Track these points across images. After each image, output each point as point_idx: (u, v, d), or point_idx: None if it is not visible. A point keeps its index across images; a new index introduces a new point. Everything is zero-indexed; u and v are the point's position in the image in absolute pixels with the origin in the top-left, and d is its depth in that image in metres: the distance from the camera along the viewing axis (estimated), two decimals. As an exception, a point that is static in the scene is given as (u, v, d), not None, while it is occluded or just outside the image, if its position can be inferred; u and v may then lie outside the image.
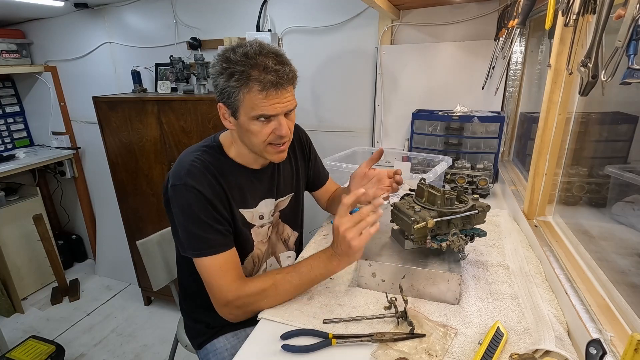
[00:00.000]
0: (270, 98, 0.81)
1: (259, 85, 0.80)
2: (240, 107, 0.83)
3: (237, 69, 0.79)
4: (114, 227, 2.65)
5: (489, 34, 1.59)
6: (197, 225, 0.85)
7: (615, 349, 0.59)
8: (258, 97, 0.81)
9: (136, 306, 2.52)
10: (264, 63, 0.80)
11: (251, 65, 0.79)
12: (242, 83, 0.80)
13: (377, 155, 1.06)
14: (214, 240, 0.86)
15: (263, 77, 0.79)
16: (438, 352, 0.68)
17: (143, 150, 2.06)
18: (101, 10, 2.32)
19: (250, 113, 0.83)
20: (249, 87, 0.80)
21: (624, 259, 0.81)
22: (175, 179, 0.87)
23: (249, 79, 0.79)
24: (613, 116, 0.96)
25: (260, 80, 0.79)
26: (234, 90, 0.81)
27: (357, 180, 1.07)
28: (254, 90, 0.80)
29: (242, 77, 0.80)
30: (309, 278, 0.85)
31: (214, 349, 1.04)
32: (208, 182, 0.87)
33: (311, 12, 1.86)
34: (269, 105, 0.82)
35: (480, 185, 1.42)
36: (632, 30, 0.46)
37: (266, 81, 0.79)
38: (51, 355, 1.89)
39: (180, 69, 2.05)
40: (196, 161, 0.89)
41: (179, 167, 0.89)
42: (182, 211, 0.86)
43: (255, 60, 0.80)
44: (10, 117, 2.81)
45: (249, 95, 0.81)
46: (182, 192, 0.86)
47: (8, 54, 2.51)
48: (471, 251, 1.02)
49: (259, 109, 0.82)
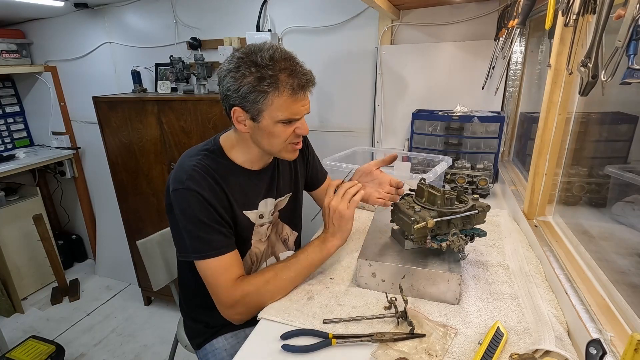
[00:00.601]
0: (298, 101, 0.84)
1: (290, 89, 0.81)
2: (265, 111, 0.83)
3: (269, 73, 0.80)
4: (114, 227, 2.65)
5: (489, 34, 1.59)
6: (199, 227, 0.86)
7: (615, 349, 0.59)
8: (288, 101, 0.82)
9: (136, 306, 2.52)
10: (292, 67, 0.82)
11: (280, 69, 0.81)
12: (273, 87, 0.81)
13: (390, 159, 1.09)
14: (217, 242, 0.87)
15: (293, 81, 0.81)
16: (438, 352, 0.68)
17: (143, 150, 2.06)
18: (101, 10, 2.32)
19: (278, 116, 0.84)
20: (280, 90, 0.81)
21: (624, 259, 0.81)
22: (176, 183, 0.87)
23: (279, 83, 0.81)
24: (613, 116, 0.96)
25: (291, 84, 0.81)
26: (262, 94, 0.81)
27: (359, 174, 1.08)
28: (285, 94, 0.82)
29: (272, 82, 0.80)
30: (307, 263, 0.89)
31: (213, 349, 1.04)
32: (209, 185, 0.88)
33: (311, 12, 1.86)
34: (296, 109, 0.85)
35: (480, 185, 1.42)
36: (632, 30, 0.46)
37: (296, 85, 0.82)
38: (51, 355, 1.89)
39: (180, 69, 2.05)
40: (197, 165, 0.89)
41: (180, 172, 0.89)
42: (184, 214, 0.87)
43: (284, 65, 0.81)
44: (10, 117, 2.81)
45: (279, 99, 0.82)
46: (183, 196, 0.86)
47: (8, 54, 2.51)
48: (471, 251, 1.02)
49: (288, 112, 0.84)
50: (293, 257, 0.90)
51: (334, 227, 0.89)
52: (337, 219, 0.88)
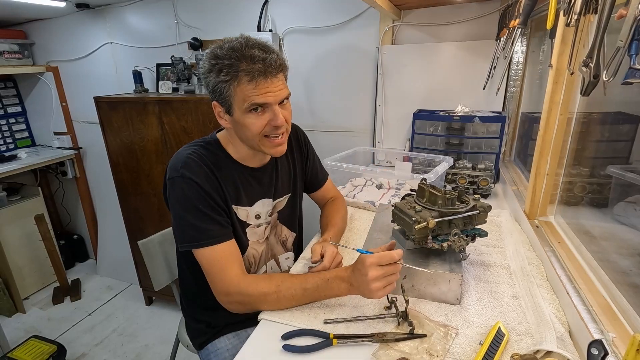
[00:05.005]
0: (261, 87, 0.81)
1: (247, 75, 0.80)
2: (233, 102, 0.84)
3: (225, 62, 0.80)
4: (116, 227, 2.65)
5: (490, 34, 1.58)
6: (195, 215, 0.85)
7: (616, 349, 0.58)
8: (248, 88, 0.81)
9: (137, 306, 2.53)
10: (250, 53, 0.80)
11: (238, 57, 0.80)
12: (231, 76, 0.81)
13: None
14: (213, 230, 0.86)
15: (251, 68, 0.80)
16: (439, 353, 0.68)
17: (144, 150, 2.06)
18: (102, 11, 2.32)
19: (242, 105, 0.83)
20: (238, 79, 0.81)
21: (625, 259, 0.80)
22: (172, 172, 0.88)
23: (237, 71, 0.80)
24: (615, 116, 0.95)
25: (249, 70, 0.80)
26: (224, 85, 0.82)
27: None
28: (244, 81, 0.81)
29: (230, 71, 0.80)
30: (313, 297, 0.83)
31: (215, 349, 1.04)
32: (204, 174, 0.88)
33: (312, 12, 1.86)
34: (259, 95, 0.82)
35: (482, 186, 1.42)
36: (634, 30, 0.46)
37: (254, 70, 0.80)
38: (52, 355, 1.90)
39: (181, 69, 2.06)
40: (193, 154, 0.89)
41: (175, 161, 0.89)
42: (179, 203, 0.87)
43: (242, 52, 0.80)
44: (12, 117, 2.82)
45: (240, 88, 0.81)
46: (179, 184, 0.86)
47: (10, 54, 2.51)
48: (472, 251, 1.02)
49: (250, 99, 0.82)
50: (301, 283, 0.82)
51: (358, 286, 0.78)
52: (365, 288, 0.76)
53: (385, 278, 0.75)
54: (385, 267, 0.75)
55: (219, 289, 0.86)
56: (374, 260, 0.75)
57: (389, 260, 0.75)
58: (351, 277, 0.79)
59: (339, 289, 0.81)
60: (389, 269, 0.75)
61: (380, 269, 0.74)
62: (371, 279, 0.74)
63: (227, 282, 0.85)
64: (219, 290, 0.86)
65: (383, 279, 0.75)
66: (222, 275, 0.85)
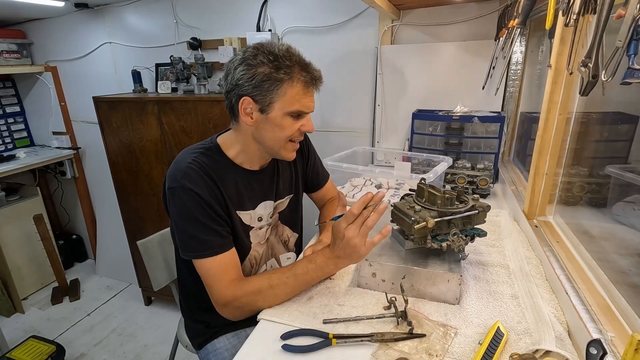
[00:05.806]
0: (308, 95, 0.86)
1: (303, 81, 0.84)
2: (276, 101, 0.85)
3: (286, 62, 0.82)
4: (115, 227, 2.65)
5: (490, 34, 1.59)
6: (195, 227, 0.86)
7: (615, 349, 0.58)
8: (300, 93, 0.85)
9: (136, 306, 2.52)
10: (305, 62, 0.85)
11: (298, 62, 0.84)
12: (288, 77, 0.83)
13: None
14: (212, 242, 0.86)
15: (309, 76, 0.84)
16: (438, 352, 0.68)
17: (143, 150, 2.06)
18: (101, 11, 2.32)
19: (288, 108, 0.85)
20: (294, 81, 0.83)
21: (624, 259, 0.81)
22: (172, 181, 0.87)
23: (294, 74, 0.83)
24: (613, 116, 0.96)
25: (305, 77, 0.84)
26: (276, 83, 0.83)
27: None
28: (298, 85, 0.84)
29: (289, 71, 0.83)
30: (304, 280, 0.85)
31: (214, 349, 1.04)
32: (205, 183, 0.87)
33: (311, 12, 1.86)
34: (307, 103, 0.87)
35: (481, 186, 1.42)
36: (633, 30, 0.46)
37: (309, 78, 0.85)
38: (51, 355, 1.89)
39: (180, 69, 2.05)
40: (193, 163, 0.88)
41: (175, 170, 0.88)
42: (180, 213, 0.87)
43: (300, 59, 0.85)
44: (10, 117, 2.81)
45: (292, 90, 0.84)
46: (179, 195, 0.86)
47: (8, 54, 2.51)
48: (471, 251, 1.02)
49: (298, 105, 0.86)
50: (290, 270, 0.85)
51: (343, 254, 0.80)
52: (350, 250, 0.79)
53: (361, 230, 0.78)
54: (357, 220, 0.78)
55: (216, 299, 0.87)
56: (342, 222, 0.79)
57: (354, 214, 0.78)
58: (334, 250, 0.82)
59: (327, 266, 0.84)
60: (360, 220, 0.78)
61: (353, 225, 0.78)
62: (349, 238, 0.77)
63: (225, 291, 0.85)
64: (216, 299, 0.87)
65: (360, 233, 0.78)
66: (219, 285, 0.86)
